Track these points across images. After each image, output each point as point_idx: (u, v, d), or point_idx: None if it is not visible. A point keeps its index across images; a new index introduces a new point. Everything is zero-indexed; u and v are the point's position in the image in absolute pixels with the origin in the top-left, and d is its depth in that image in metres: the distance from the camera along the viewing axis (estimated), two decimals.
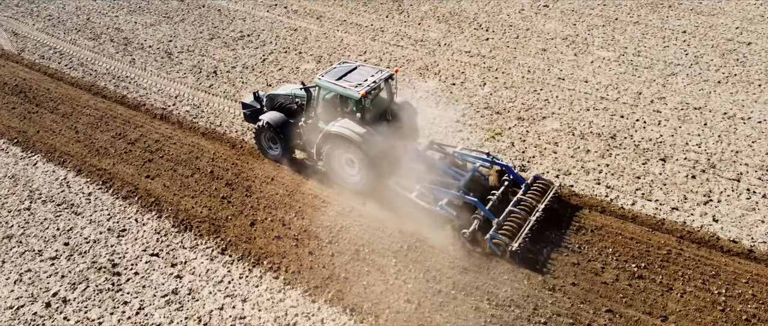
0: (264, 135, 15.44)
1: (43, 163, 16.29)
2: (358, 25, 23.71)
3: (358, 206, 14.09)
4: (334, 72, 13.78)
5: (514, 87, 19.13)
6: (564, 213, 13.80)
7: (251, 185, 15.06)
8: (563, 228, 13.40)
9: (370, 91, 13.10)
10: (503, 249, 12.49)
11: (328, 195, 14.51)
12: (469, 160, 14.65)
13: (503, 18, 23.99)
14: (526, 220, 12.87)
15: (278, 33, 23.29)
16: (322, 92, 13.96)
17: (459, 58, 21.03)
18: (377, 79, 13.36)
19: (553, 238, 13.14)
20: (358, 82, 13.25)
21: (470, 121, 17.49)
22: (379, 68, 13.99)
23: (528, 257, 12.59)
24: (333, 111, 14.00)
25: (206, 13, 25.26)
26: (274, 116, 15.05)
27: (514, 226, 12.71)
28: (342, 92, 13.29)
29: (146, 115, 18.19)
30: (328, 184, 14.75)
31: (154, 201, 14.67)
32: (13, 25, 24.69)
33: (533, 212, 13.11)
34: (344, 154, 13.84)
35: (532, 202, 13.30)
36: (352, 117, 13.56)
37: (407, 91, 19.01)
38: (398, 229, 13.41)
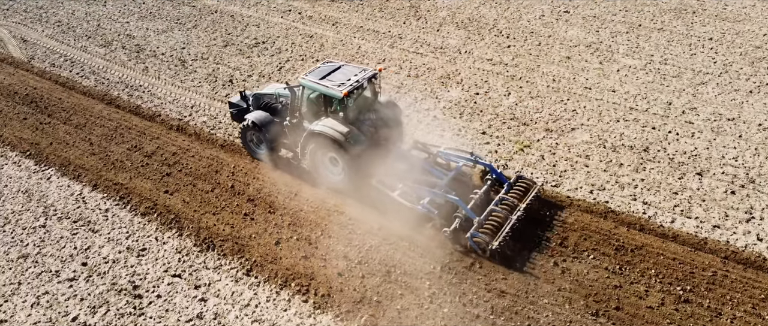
0: (249, 134, 15.45)
1: (57, 177, 15.76)
2: (375, 32, 23.17)
3: (387, 223, 13.55)
4: (317, 71, 13.88)
5: (540, 97, 18.59)
6: (604, 232, 13.26)
7: (274, 201, 14.52)
8: (600, 247, 12.86)
9: (353, 90, 13.17)
10: (483, 247, 12.45)
11: (353, 212, 13.96)
12: (452, 159, 14.62)
13: (523, 24, 23.44)
14: (508, 219, 12.86)
15: (294, 40, 22.76)
16: (306, 92, 14.02)
17: (481, 66, 20.49)
18: (360, 79, 13.44)
19: (593, 258, 12.59)
20: (340, 81, 13.31)
21: (497, 132, 16.95)
22: (363, 67, 14.01)
23: (568, 278, 12.07)
24: (317, 110, 14.08)
25: (219, 19, 24.73)
26: (260, 115, 15.11)
27: (494, 225, 12.70)
28: (325, 91, 13.35)
29: (162, 126, 17.65)
30: (353, 201, 14.21)
31: (173, 218, 14.13)
32: (22, 31, 24.17)
33: (515, 211, 13.09)
34: (328, 153, 13.94)
35: (514, 201, 13.29)
36: (336, 116, 13.67)
37: (430, 101, 18.48)
38: (430, 250, 12.87)
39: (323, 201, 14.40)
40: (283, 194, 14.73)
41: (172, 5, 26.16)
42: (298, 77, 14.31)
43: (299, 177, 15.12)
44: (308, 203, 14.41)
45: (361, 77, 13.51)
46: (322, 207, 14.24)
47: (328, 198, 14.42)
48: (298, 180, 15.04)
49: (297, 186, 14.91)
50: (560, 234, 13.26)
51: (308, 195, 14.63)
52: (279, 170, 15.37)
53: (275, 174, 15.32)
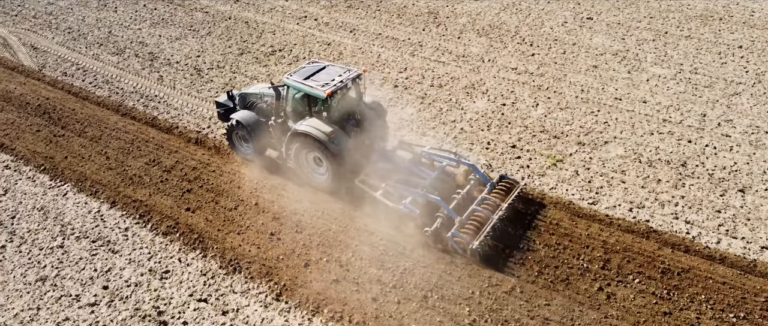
0: (235, 133, 15.44)
1: (73, 193, 15.19)
2: (394, 39, 22.60)
3: (421, 246, 12.97)
4: (302, 71, 13.94)
5: (569, 108, 18.01)
6: (647, 253, 12.69)
7: (301, 220, 13.95)
8: (645, 270, 12.29)
9: (336, 90, 13.24)
10: (464, 247, 12.45)
11: (385, 233, 13.39)
12: (436, 159, 14.63)
13: (546, 31, 22.87)
14: (489, 219, 12.87)
15: (311, 47, 22.19)
16: (290, 91, 14.14)
17: (506, 75, 19.92)
18: (344, 79, 13.52)
19: (638, 282, 12.02)
20: (325, 81, 13.39)
21: (527, 146, 16.38)
22: (348, 68, 14.04)
23: (614, 304, 11.50)
24: (301, 110, 14.21)
25: (233, 25, 24.16)
26: (245, 115, 15.15)
27: (476, 225, 12.71)
28: (309, 91, 13.42)
29: (180, 138, 17.08)
30: (384, 220, 13.63)
31: (197, 237, 13.56)
32: (32, 38, 23.61)
33: (496, 211, 13.11)
34: (311, 152, 14.07)
35: (496, 201, 13.32)
36: (320, 116, 13.78)
37: (455, 112, 17.91)
38: (467, 273, 12.30)
39: (352, 219, 13.83)
40: (309, 212, 14.15)
41: (184, 11, 25.59)
42: (283, 77, 14.35)
43: (325, 194, 14.53)
44: (336, 222, 13.83)
45: (346, 77, 13.57)
46: (350, 226, 13.67)
47: (358, 218, 13.85)
48: (324, 197, 14.47)
49: (323, 203, 14.34)
50: (602, 257, 12.69)
51: (336, 213, 14.06)
52: (303, 187, 14.79)
53: (300, 190, 14.75)
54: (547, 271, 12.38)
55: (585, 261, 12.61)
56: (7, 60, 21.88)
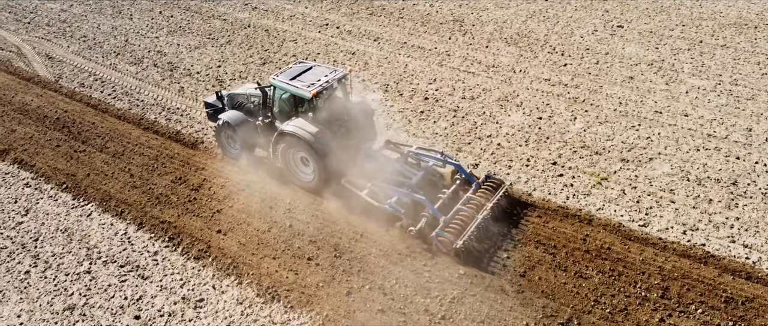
0: (224, 134, 15.46)
1: (98, 213, 14.54)
2: (420, 48, 21.95)
3: (467, 270, 12.33)
4: (289, 72, 14.09)
5: (609, 122, 17.35)
6: (707, 281, 12.03)
7: (339, 243, 13.30)
8: (707, 299, 11.63)
9: (322, 90, 13.36)
10: (448, 246, 12.47)
11: (429, 257, 12.73)
12: (422, 159, 14.71)
13: (577, 40, 22.21)
14: (474, 218, 12.88)
15: (335, 57, 21.54)
16: (277, 92, 14.22)
17: (539, 87, 19.26)
18: (330, 79, 13.62)
19: (702, 313, 11.36)
20: (310, 81, 13.51)
21: (569, 163, 15.72)
22: (334, 68, 14.12)
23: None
24: (288, 110, 14.30)
25: (253, 34, 23.51)
26: (233, 115, 15.22)
27: (460, 224, 12.73)
28: (294, 92, 13.56)
29: (206, 154, 16.43)
30: (428, 244, 12.99)
31: (231, 263, 12.91)
32: (46, 47, 22.97)
33: (481, 210, 13.12)
34: (298, 152, 14.16)
35: (481, 201, 13.34)
36: (306, 116, 13.83)
37: (491, 126, 17.26)
38: (519, 302, 11.65)
39: (392, 243, 13.17)
40: (347, 235, 13.50)
41: (201, 19, 24.95)
42: (269, 77, 14.40)
43: (363, 215, 13.87)
44: (376, 245, 13.18)
45: (331, 78, 13.67)
46: (392, 250, 13.01)
47: (398, 241, 13.18)
48: (361, 219, 13.81)
49: (361, 225, 13.69)
50: (660, 284, 12.04)
51: (375, 236, 13.40)
52: (339, 208, 14.12)
53: (335, 212, 14.09)
54: (603, 300, 11.73)
55: (642, 289, 11.96)
56: (22, 70, 21.24)
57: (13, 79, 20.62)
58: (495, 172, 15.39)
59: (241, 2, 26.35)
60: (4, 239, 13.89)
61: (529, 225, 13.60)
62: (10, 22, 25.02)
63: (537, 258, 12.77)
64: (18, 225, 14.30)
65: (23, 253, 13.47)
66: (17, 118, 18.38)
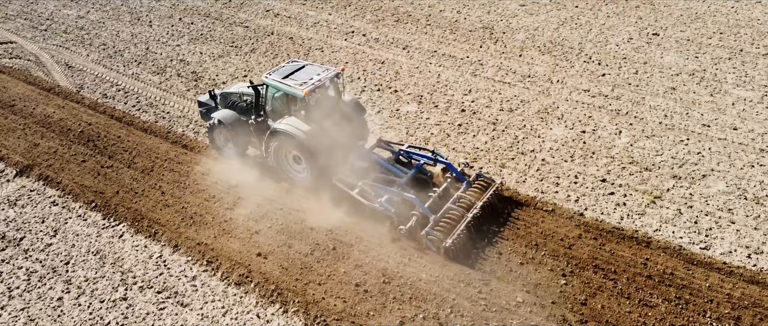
0: (217, 133, 15.54)
1: (130, 234, 13.90)
2: (452, 57, 21.30)
3: (525, 298, 11.69)
4: (281, 70, 14.14)
5: (656, 135, 16.69)
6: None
7: (386, 267, 12.64)
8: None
9: (314, 89, 13.41)
10: (438, 245, 12.49)
11: (483, 283, 12.09)
12: (414, 157, 14.85)
13: (612, 49, 21.55)
14: (463, 217, 12.90)
15: (364, 66, 20.90)
16: (269, 90, 14.34)
17: (579, 98, 18.60)
18: (322, 78, 13.66)
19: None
20: (303, 80, 13.56)
21: (619, 180, 15.07)
22: (326, 67, 14.22)
23: None
24: (281, 109, 14.41)
25: (277, 41, 22.86)
26: (226, 114, 15.33)
27: (450, 223, 12.75)
28: (287, 90, 13.65)
29: (239, 171, 15.73)
30: (478, 268, 12.36)
31: (274, 289, 12.26)
32: (65, 55, 22.33)
33: (471, 209, 13.14)
34: (290, 151, 14.25)
35: (471, 200, 13.36)
36: (298, 115, 13.88)
37: (533, 141, 16.61)
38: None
39: (443, 269, 12.52)
40: (395, 259, 12.84)
41: (223, 26, 24.31)
42: (262, 76, 14.36)
43: (408, 238, 13.24)
44: (426, 270, 12.53)
45: (324, 77, 13.73)
46: (443, 276, 12.36)
47: (448, 267, 12.53)
48: (410, 244, 13.15)
49: (409, 249, 13.03)
50: (731, 314, 11.39)
51: (424, 260, 12.75)
52: (385, 230, 13.47)
53: (381, 233, 13.44)
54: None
55: (713, 319, 11.32)
56: (42, 80, 20.61)
57: (33, 90, 19.98)
58: (542, 190, 14.75)
59: (262, 9, 25.71)
60: (33, 262, 13.26)
61: (584, 247, 12.95)
62: (26, 29, 24.39)
63: (597, 284, 12.12)
64: (47, 247, 13.67)
65: (55, 278, 12.83)
66: (40, 131, 17.75)
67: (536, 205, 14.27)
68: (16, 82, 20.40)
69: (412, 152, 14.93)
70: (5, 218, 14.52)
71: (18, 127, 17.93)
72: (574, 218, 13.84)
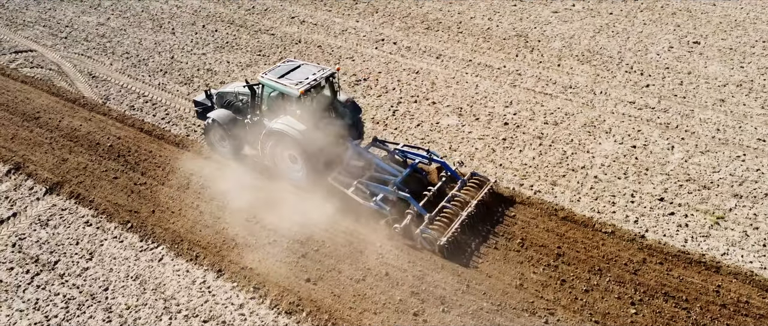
0: (213, 132, 15.61)
1: (170, 257, 13.25)
2: (488, 67, 20.64)
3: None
4: (277, 70, 14.21)
5: (710, 151, 16.04)
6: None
7: (444, 295, 11.99)
8: None
9: (310, 88, 13.47)
10: (432, 243, 12.60)
11: (548, 313, 11.44)
12: (409, 156, 14.85)
13: (653, 58, 20.90)
14: (458, 215, 13.00)
15: (398, 76, 20.25)
16: (265, 90, 14.39)
17: (625, 110, 17.95)
18: (318, 78, 13.74)
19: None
20: (298, 80, 13.63)
21: (677, 199, 14.42)
22: (322, 66, 14.29)
23: None
24: (276, 108, 14.40)
25: (306, 50, 22.22)
26: (222, 113, 15.41)
27: (445, 221, 12.86)
28: (283, 90, 13.71)
29: (278, 189, 15.07)
30: (541, 296, 11.72)
31: (328, 318, 11.61)
32: (88, 64, 21.68)
33: (466, 207, 13.23)
34: (287, 150, 14.27)
35: (465, 198, 13.46)
36: (294, 114, 13.92)
37: (582, 156, 15.96)
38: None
39: (505, 296, 11.90)
40: (452, 285, 12.20)
41: (248, 34, 23.66)
42: (258, 75, 14.42)
43: (466, 262, 12.60)
44: (487, 298, 11.89)
45: (319, 76, 13.81)
46: (506, 305, 11.73)
47: (510, 294, 11.89)
48: (465, 269, 12.52)
49: (467, 273, 12.42)
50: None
51: (483, 286, 12.12)
52: (437, 256, 12.84)
53: (434, 257, 12.79)
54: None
55: None
56: (66, 90, 19.96)
57: (58, 101, 19.33)
58: (599, 210, 14.11)
59: (287, 15, 25.07)
60: (70, 288, 12.60)
61: (650, 273, 12.31)
62: (46, 37, 23.75)
63: (669, 314, 11.48)
64: (83, 271, 13.01)
65: (94, 305, 12.18)
66: (67, 146, 17.09)
67: (594, 226, 13.63)
68: (39, 93, 19.75)
69: (408, 151, 14.96)
70: (38, 239, 13.87)
71: (44, 141, 17.29)
72: (635, 240, 13.20)
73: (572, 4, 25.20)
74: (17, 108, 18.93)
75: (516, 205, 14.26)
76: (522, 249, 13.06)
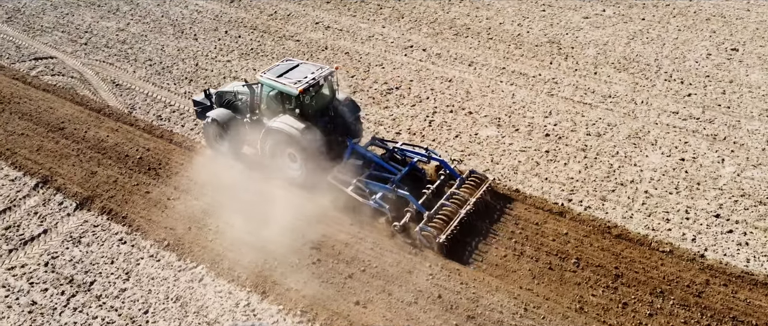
0: (212, 131, 15.63)
1: (210, 277, 12.73)
2: (522, 75, 20.10)
3: None
4: (276, 69, 14.32)
5: (762, 164, 15.52)
6: None
7: (501, 319, 11.48)
8: None
9: (309, 87, 13.57)
10: (431, 240, 12.65)
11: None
12: (408, 155, 14.93)
13: (692, 65, 20.36)
14: (457, 213, 13.08)
15: (431, 84, 19.71)
16: (264, 89, 14.50)
17: (669, 121, 17.42)
18: (317, 77, 13.83)
19: None
20: (297, 79, 13.73)
21: (734, 215, 13.88)
22: (320, 65, 14.35)
23: None
24: (275, 107, 14.50)
25: (333, 57, 21.68)
26: (221, 113, 15.49)
27: (443, 219, 12.90)
28: (282, 89, 13.82)
29: (315, 203, 14.51)
30: (605, 321, 11.18)
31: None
32: (110, 71, 21.15)
33: (464, 205, 13.30)
34: (286, 149, 14.35)
35: (464, 196, 13.52)
36: (293, 113, 14.04)
37: (629, 170, 15.43)
38: None
39: (566, 317, 11.34)
40: (508, 308, 11.68)
41: (272, 40, 23.13)
42: (257, 75, 14.51)
43: (521, 283, 12.07)
44: (547, 322, 11.36)
45: (318, 75, 13.90)
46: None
47: (572, 316, 11.34)
48: (520, 290, 11.98)
49: (523, 295, 11.89)
50: None
51: (541, 310, 11.61)
52: (492, 275, 12.32)
53: (489, 277, 12.30)
54: None
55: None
56: (90, 99, 19.43)
57: (82, 111, 18.81)
58: (653, 228, 13.58)
59: (311, 21, 24.53)
60: (108, 310, 12.08)
61: (715, 295, 11.79)
62: (65, 43, 23.22)
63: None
64: (121, 292, 12.49)
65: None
66: (96, 158, 16.57)
67: (650, 245, 13.11)
68: (62, 102, 19.22)
69: (407, 150, 15.01)
70: (71, 258, 13.34)
71: (71, 153, 16.77)
72: (696, 260, 12.68)
73: (602, 9, 24.67)
74: (41, 118, 18.40)
75: (566, 221, 13.73)
76: (578, 270, 12.54)
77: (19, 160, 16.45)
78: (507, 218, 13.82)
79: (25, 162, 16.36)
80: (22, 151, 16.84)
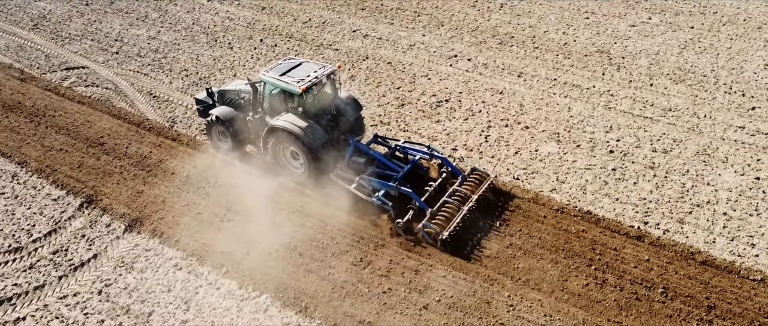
0: (215, 129, 15.77)
1: (276, 308, 12.05)
2: (575, 87, 19.38)
3: None
4: (279, 68, 14.39)
5: None
6: None
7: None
8: None
9: (311, 86, 13.65)
10: (434, 237, 12.75)
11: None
12: (410, 152, 15.05)
13: (751, 77, 19.64)
14: (459, 210, 13.20)
15: (482, 97, 18.99)
16: (267, 87, 14.55)
17: (737, 137, 16.70)
18: (319, 75, 13.89)
19: None
20: (300, 77, 13.78)
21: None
22: (323, 64, 14.41)
23: None
24: (278, 105, 14.57)
25: (375, 67, 20.97)
26: (224, 111, 15.60)
27: (446, 216, 13.03)
28: (284, 87, 13.87)
29: (376, 226, 13.87)
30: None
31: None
32: (145, 82, 20.45)
33: (467, 202, 13.39)
34: (288, 147, 14.49)
35: (466, 193, 13.61)
36: (296, 111, 14.13)
37: (703, 189, 14.73)
38: None
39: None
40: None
41: (311, 49, 22.41)
42: (259, 73, 14.61)
43: (607, 315, 11.33)
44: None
45: (321, 74, 13.95)
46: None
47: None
48: (611, 325, 11.25)
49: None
50: None
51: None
52: (565, 301, 11.59)
53: (569, 308, 11.53)
54: None
55: None
56: (127, 112, 18.72)
57: (121, 124, 18.09)
58: (739, 253, 12.86)
59: (347, 29, 23.82)
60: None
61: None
62: (96, 53, 22.51)
63: None
64: (182, 324, 11.75)
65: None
66: (140, 175, 15.86)
67: (740, 273, 12.39)
68: (99, 115, 18.52)
69: (409, 147, 15.13)
70: (125, 286, 12.63)
71: (114, 170, 16.06)
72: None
73: (648, 17, 23.95)
74: (79, 132, 17.70)
75: (646, 246, 13.02)
76: (667, 300, 11.81)
77: (60, 178, 15.74)
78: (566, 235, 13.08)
79: (67, 180, 15.65)
80: (62, 168, 16.13)
